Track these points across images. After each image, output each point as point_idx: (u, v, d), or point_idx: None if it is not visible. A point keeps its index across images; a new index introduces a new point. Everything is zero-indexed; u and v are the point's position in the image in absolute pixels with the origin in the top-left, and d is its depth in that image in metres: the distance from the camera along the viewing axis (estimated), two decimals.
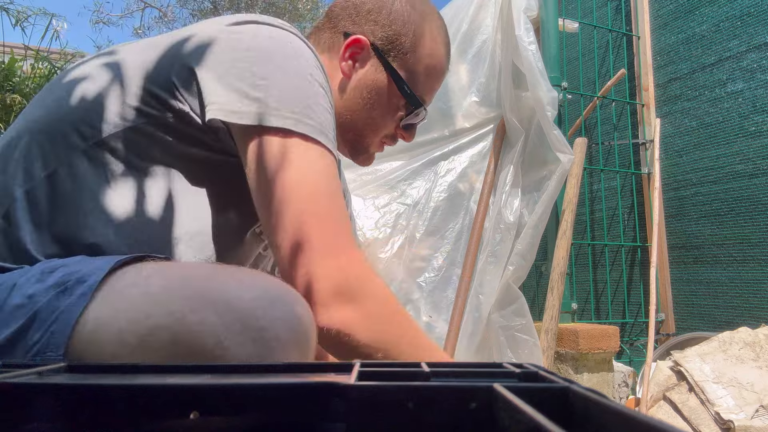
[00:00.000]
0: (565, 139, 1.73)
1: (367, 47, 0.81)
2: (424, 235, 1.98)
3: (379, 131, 0.86)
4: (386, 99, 0.83)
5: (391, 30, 0.82)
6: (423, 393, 0.24)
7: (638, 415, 0.19)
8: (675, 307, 2.08)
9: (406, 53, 0.82)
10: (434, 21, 0.86)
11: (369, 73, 0.82)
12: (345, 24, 0.84)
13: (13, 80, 3.17)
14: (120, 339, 0.48)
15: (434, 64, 0.86)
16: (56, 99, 0.69)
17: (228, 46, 0.66)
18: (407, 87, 0.82)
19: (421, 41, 0.83)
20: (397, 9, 0.83)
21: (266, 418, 0.24)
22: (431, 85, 0.87)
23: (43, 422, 0.24)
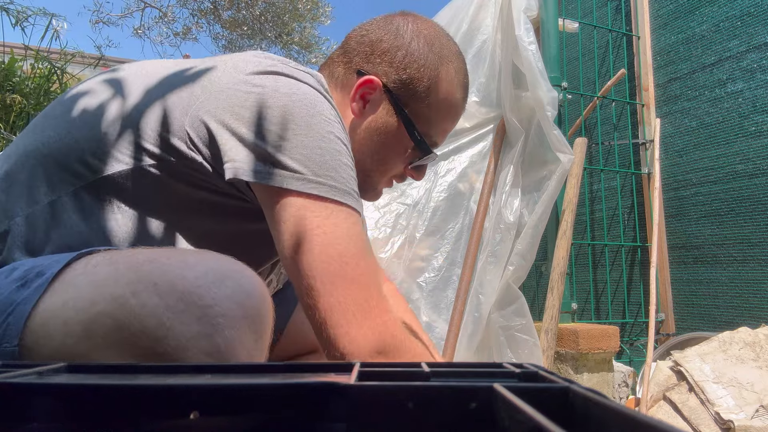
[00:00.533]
0: (565, 139, 1.73)
1: (380, 89, 0.79)
2: (424, 235, 1.98)
3: (388, 172, 0.84)
4: (396, 142, 0.81)
5: (405, 74, 0.78)
6: (423, 393, 0.24)
7: (638, 415, 0.19)
8: (675, 307, 2.08)
9: (420, 98, 0.79)
10: (452, 63, 0.82)
11: (380, 115, 0.79)
12: (359, 61, 0.80)
13: (13, 80, 3.17)
14: (66, 329, 0.49)
15: (448, 108, 0.83)
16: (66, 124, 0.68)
17: (247, 101, 0.65)
18: (418, 133, 0.80)
19: (437, 86, 0.80)
20: (414, 51, 0.79)
21: (266, 418, 0.24)
22: (444, 128, 0.85)
23: (43, 422, 0.24)
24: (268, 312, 0.54)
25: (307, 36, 7.49)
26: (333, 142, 0.65)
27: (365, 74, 0.79)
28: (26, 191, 0.65)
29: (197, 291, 0.49)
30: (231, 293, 0.50)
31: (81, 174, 0.65)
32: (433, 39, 0.81)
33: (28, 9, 3.56)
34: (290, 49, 7.48)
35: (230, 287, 0.50)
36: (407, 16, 0.83)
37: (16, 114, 3.03)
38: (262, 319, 0.52)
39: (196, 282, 0.49)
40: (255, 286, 0.53)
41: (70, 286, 0.51)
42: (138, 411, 0.24)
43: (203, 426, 0.24)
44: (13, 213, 0.64)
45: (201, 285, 0.49)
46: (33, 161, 0.67)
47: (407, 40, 0.80)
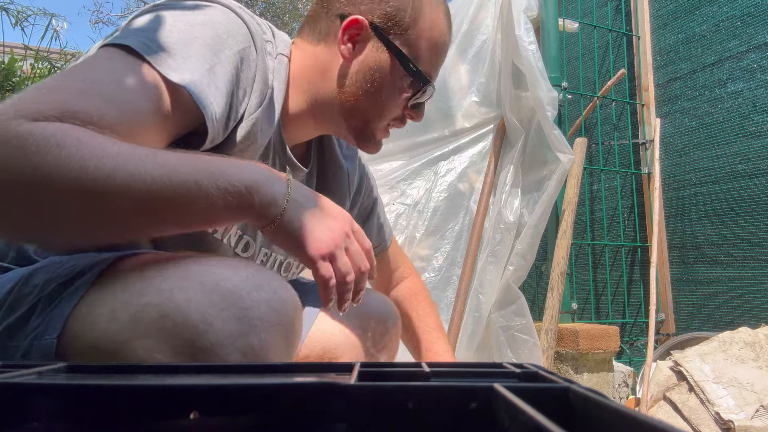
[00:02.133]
0: (565, 139, 1.73)
1: (366, 27, 0.76)
2: (424, 235, 1.98)
3: (387, 115, 0.81)
4: (391, 80, 0.78)
5: (389, 6, 0.76)
6: (423, 393, 0.24)
7: (638, 415, 0.19)
8: (675, 307, 2.08)
9: (407, 29, 0.77)
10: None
11: (371, 54, 0.77)
12: (339, 6, 0.78)
13: (13, 80, 3.17)
14: (113, 316, 0.51)
15: (436, 36, 0.80)
16: None
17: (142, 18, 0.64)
18: (412, 64, 0.77)
19: (421, 15, 0.78)
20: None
21: (266, 418, 0.24)
22: (435, 59, 0.82)
23: (43, 422, 0.24)
24: (300, 322, 0.57)
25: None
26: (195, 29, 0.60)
27: (348, 16, 0.76)
28: None
29: (239, 293, 0.51)
30: (269, 299, 0.53)
31: None
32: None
33: (28, 9, 3.57)
34: None
35: (268, 293, 0.53)
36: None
37: None
38: (294, 327, 0.55)
39: (239, 284, 0.52)
40: (291, 296, 0.56)
41: (118, 280, 0.53)
42: (138, 411, 0.24)
43: (203, 426, 0.24)
44: None
45: (243, 288, 0.52)
46: None
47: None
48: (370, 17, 0.76)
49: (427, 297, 1.13)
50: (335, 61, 0.78)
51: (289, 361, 0.56)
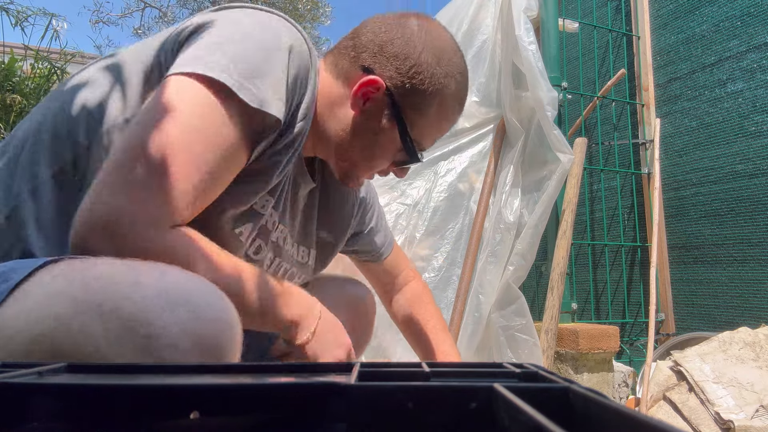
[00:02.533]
0: (565, 139, 1.73)
1: (382, 91, 0.79)
2: (424, 235, 1.98)
3: (374, 168, 0.86)
4: (387, 143, 0.82)
5: (409, 82, 0.79)
6: (423, 393, 0.24)
7: (638, 415, 0.19)
8: (675, 307, 2.08)
9: (419, 107, 0.80)
10: (455, 78, 0.82)
11: (377, 115, 0.80)
12: (366, 58, 0.80)
13: (13, 80, 3.17)
14: (11, 345, 0.47)
15: (443, 121, 0.84)
16: (60, 102, 0.70)
17: (209, 26, 0.68)
18: (410, 139, 0.81)
19: (437, 100, 0.81)
20: (422, 62, 0.79)
21: (266, 418, 0.24)
22: (435, 137, 0.87)
23: (43, 422, 0.24)
24: (231, 340, 0.50)
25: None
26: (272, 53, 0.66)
27: (371, 73, 0.79)
28: (28, 168, 0.66)
29: (143, 316, 0.45)
30: (184, 320, 0.46)
31: (78, 142, 0.67)
32: (442, 52, 0.81)
33: (28, 9, 3.57)
34: None
35: (183, 314, 0.46)
36: (422, 21, 0.83)
37: (16, 114, 3.03)
38: (220, 349, 0.48)
39: (144, 305, 0.45)
40: (217, 312, 0.49)
41: (28, 297, 0.49)
42: (138, 411, 0.24)
43: (203, 426, 0.24)
44: (19, 191, 0.66)
45: (150, 310, 0.45)
46: (32, 139, 0.68)
47: (418, 50, 0.79)
48: (389, 83, 0.79)
49: (430, 299, 1.16)
50: (345, 105, 0.81)
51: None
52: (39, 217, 0.65)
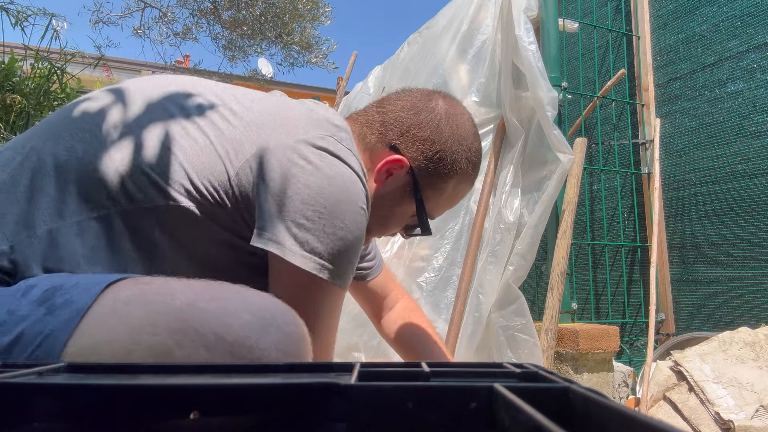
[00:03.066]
0: (565, 139, 1.73)
1: (406, 169, 0.84)
2: None
3: (386, 234, 0.92)
4: (403, 215, 0.88)
5: (433, 166, 0.84)
6: (423, 393, 0.24)
7: (638, 415, 0.19)
8: (675, 307, 2.08)
9: (437, 186, 0.86)
10: (473, 162, 0.89)
11: (397, 190, 0.85)
12: (393, 136, 0.85)
13: (13, 80, 3.17)
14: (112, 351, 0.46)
15: (456, 199, 0.91)
16: (102, 142, 0.67)
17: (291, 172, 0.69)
18: (425, 215, 0.87)
19: (455, 181, 0.87)
20: (447, 149, 0.85)
21: (266, 418, 0.24)
22: (445, 210, 0.93)
23: (43, 422, 0.24)
24: (308, 351, 0.55)
25: (307, 36, 7.49)
26: (356, 234, 0.72)
27: (397, 152, 0.84)
28: (53, 205, 0.63)
29: (245, 342, 0.47)
30: (277, 341, 0.49)
31: (117, 200, 0.64)
32: (463, 139, 0.87)
33: (28, 9, 3.56)
34: (290, 49, 7.48)
35: (275, 334, 0.50)
36: (448, 105, 0.88)
37: (16, 114, 3.03)
38: (304, 360, 0.54)
39: (243, 332, 0.48)
40: (297, 328, 0.53)
41: (103, 327, 0.48)
42: (138, 411, 0.24)
43: (203, 426, 0.24)
44: (35, 224, 0.62)
45: (249, 336, 0.48)
46: (66, 176, 0.64)
47: (444, 137, 0.85)
48: (413, 164, 0.84)
49: (421, 314, 1.20)
50: (368, 175, 0.85)
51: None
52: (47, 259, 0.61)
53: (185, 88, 0.76)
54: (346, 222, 0.70)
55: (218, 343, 0.46)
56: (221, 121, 0.72)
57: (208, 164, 0.68)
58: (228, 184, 0.69)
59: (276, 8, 7.20)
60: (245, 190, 0.69)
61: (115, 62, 8.15)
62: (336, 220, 0.69)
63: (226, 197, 0.69)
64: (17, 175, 0.64)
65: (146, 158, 0.66)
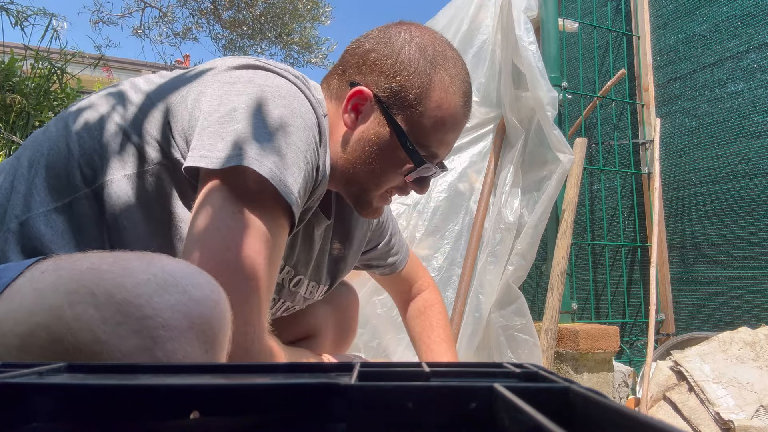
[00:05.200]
0: (565, 139, 1.73)
1: (370, 99, 0.77)
2: (424, 235, 1.98)
3: (383, 185, 0.82)
4: (389, 153, 0.78)
5: (395, 82, 0.77)
6: (423, 393, 0.24)
7: (638, 415, 0.19)
8: (675, 307, 2.08)
9: (411, 106, 0.77)
10: (448, 69, 0.79)
11: (371, 126, 0.78)
12: (352, 73, 0.80)
13: (13, 80, 3.17)
14: (5, 341, 0.47)
15: (443, 116, 0.79)
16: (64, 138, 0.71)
17: (220, 93, 0.68)
18: (410, 143, 0.78)
19: (429, 93, 0.77)
20: (404, 58, 0.77)
21: (266, 418, 0.24)
22: (442, 138, 0.81)
23: (43, 422, 0.24)
24: (222, 318, 0.50)
25: (307, 36, 7.49)
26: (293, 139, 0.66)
27: (357, 85, 0.78)
28: (22, 200, 0.67)
29: (136, 301, 0.46)
30: (175, 302, 0.47)
31: (76, 185, 0.68)
32: (426, 46, 0.79)
33: (28, 9, 3.57)
34: (290, 49, 7.48)
35: (174, 296, 0.47)
36: (402, 25, 0.82)
37: (16, 114, 3.03)
38: (212, 328, 0.49)
39: (136, 291, 0.46)
40: (205, 292, 0.49)
41: (17, 294, 0.49)
42: (138, 411, 0.24)
43: (203, 426, 0.24)
44: (8, 220, 0.66)
45: (141, 294, 0.46)
46: (33, 171, 0.69)
47: (397, 48, 0.78)
48: (375, 90, 0.77)
49: (439, 310, 1.18)
50: (339, 125, 0.80)
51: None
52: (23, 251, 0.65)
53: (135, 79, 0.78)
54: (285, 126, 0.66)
55: (107, 302, 0.46)
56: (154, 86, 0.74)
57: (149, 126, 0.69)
58: (170, 137, 0.69)
59: (276, 8, 7.20)
60: (185, 133, 0.68)
61: (115, 62, 8.16)
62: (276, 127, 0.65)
63: (170, 152, 0.68)
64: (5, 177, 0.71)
65: (95, 140, 0.69)
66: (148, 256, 0.51)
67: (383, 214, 1.08)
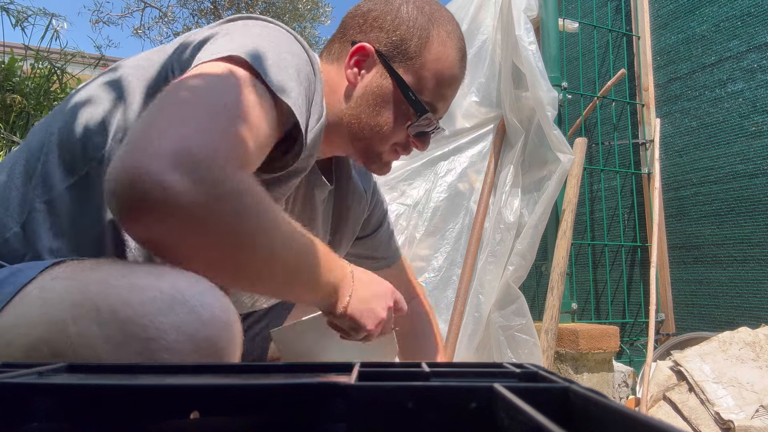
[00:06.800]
0: (565, 139, 1.73)
1: (372, 54, 0.80)
2: (424, 235, 1.98)
3: (388, 138, 0.83)
4: (392, 105, 0.81)
5: (395, 35, 0.80)
6: (423, 393, 0.24)
7: (638, 415, 0.19)
8: (675, 307, 2.08)
9: (412, 58, 0.80)
10: (444, 25, 0.83)
11: (374, 79, 0.81)
12: (353, 33, 0.83)
13: (13, 80, 3.17)
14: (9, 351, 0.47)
15: (442, 68, 0.82)
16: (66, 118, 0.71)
17: (217, 30, 0.70)
18: (412, 93, 0.80)
19: (428, 46, 0.81)
20: (403, 14, 0.81)
21: (266, 418, 0.24)
22: (441, 91, 0.84)
23: (43, 422, 0.24)
24: (230, 341, 0.49)
25: (307, 36, 7.49)
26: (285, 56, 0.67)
27: (358, 43, 0.81)
28: (43, 180, 0.67)
29: (140, 320, 0.44)
30: (180, 323, 0.45)
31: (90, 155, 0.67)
32: (423, 4, 0.83)
33: (28, 9, 3.57)
34: None
35: (180, 315, 0.45)
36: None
37: (16, 114, 3.03)
38: (218, 351, 0.47)
39: (141, 309, 0.45)
40: (215, 312, 0.47)
41: (26, 301, 0.49)
42: (138, 411, 0.24)
43: (203, 426, 0.24)
44: (33, 200, 0.66)
45: (146, 313, 0.45)
46: (46, 149, 0.69)
47: (396, 5, 0.82)
48: (377, 45, 0.81)
49: (430, 320, 1.17)
50: (343, 83, 0.82)
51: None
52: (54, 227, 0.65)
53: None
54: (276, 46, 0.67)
55: (111, 320, 0.44)
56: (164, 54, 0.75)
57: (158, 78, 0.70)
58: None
59: (276, 8, 7.20)
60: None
61: (115, 62, 8.16)
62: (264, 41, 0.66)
63: None
64: (13, 166, 0.70)
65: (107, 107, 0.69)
66: (158, 270, 0.49)
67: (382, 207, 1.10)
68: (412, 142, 0.86)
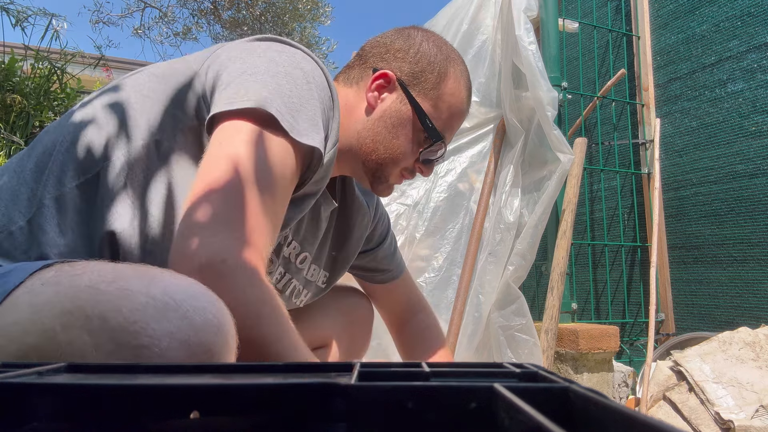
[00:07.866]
0: (565, 139, 1.73)
1: (394, 80, 0.86)
2: (424, 235, 1.98)
3: (400, 162, 0.88)
4: (408, 130, 0.86)
5: (417, 67, 0.87)
6: (423, 393, 0.24)
7: (638, 415, 0.19)
8: (675, 307, 2.08)
9: (430, 89, 0.87)
10: (458, 65, 0.90)
11: (393, 104, 0.86)
12: (374, 61, 0.89)
13: (13, 80, 3.17)
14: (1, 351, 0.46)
15: (455, 103, 0.89)
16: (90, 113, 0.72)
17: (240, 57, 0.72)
18: (429, 120, 0.86)
19: (445, 80, 0.88)
20: (424, 50, 0.88)
21: (266, 418, 0.24)
22: (451, 123, 0.90)
23: (42, 422, 0.24)
24: (224, 345, 0.48)
25: (307, 36, 7.50)
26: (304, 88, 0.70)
27: (380, 70, 0.87)
28: (54, 176, 0.68)
29: (131, 327, 0.43)
30: (174, 329, 0.44)
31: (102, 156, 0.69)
32: (440, 43, 0.91)
33: (28, 9, 3.56)
34: None
35: (173, 321, 0.45)
36: (417, 27, 0.93)
37: (16, 114, 3.03)
38: (213, 355, 0.47)
39: (132, 316, 0.44)
40: (207, 317, 0.47)
41: (15, 307, 0.48)
42: (138, 411, 0.24)
43: (203, 426, 0.24)
44: (42, 196, 0.67)
45: (137, 320, 0.44)
46: (59, 148, 0.70)
47: (417, 41, 0.89)
48: (398, 73, 0.87)
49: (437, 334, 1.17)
50: (361, 105, 0.87)
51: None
52: (61, 223, 0.66)
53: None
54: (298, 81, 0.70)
55: (101, 328, 0.44)
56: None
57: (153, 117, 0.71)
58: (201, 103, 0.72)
59: (276, 8, 7.20)
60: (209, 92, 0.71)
61: (115, 62, 8.15)
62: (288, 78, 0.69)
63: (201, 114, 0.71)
64: (23, 162, 0.71)
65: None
66: (150, 274, 0.49)
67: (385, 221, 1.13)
68: (418, 168, 0.91)
